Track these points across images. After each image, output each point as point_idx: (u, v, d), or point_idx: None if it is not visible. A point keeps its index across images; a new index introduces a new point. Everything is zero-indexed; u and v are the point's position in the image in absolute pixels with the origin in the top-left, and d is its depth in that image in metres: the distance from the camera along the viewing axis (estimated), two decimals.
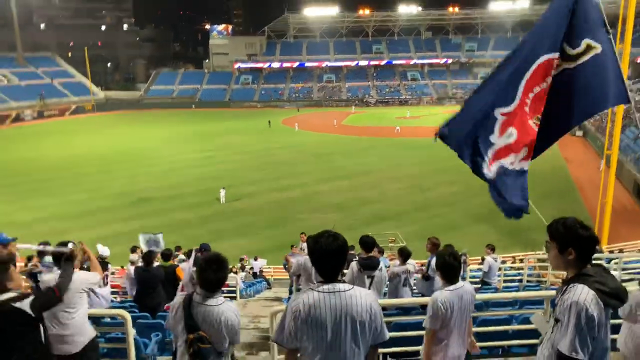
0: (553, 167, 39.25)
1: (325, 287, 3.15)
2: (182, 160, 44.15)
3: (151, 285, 9.42)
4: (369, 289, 7.43)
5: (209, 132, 61.09)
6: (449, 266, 4.40)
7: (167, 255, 10.63)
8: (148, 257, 9.75)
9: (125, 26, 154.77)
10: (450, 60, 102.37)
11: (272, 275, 21.10)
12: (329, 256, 3.17)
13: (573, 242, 3.04)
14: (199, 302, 3.76)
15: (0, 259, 4.16)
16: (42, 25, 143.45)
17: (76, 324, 4.92)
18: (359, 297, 3.15)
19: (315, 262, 3.24)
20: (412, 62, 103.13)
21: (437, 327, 4.31)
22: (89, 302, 8.63)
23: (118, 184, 36.29)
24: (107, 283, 9.95)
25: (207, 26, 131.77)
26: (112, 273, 14.61)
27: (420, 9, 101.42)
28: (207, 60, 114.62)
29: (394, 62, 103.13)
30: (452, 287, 4.38)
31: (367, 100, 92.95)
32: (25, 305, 3.93)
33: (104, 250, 10.80)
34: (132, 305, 9.67)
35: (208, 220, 28.39)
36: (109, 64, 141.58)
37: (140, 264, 10.63)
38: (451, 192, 33.16)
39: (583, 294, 2.92)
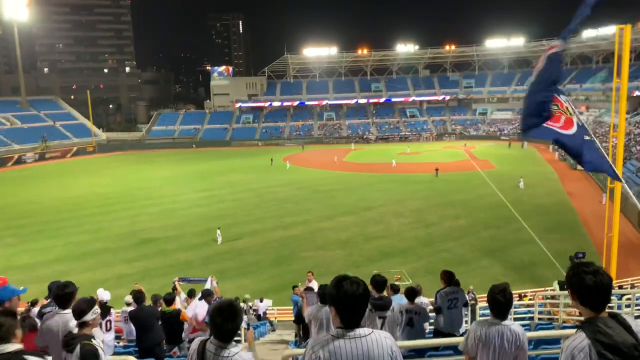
0: (556, 202, 39.26)
1: (346, 333, 3.07)
2: (184, 200, 44.09)
3: (147, 325, 9.26)
4: (381, 329, 7.25)
5: (210, 171, 61.28)
6: (496, 302, 4.55)
7: (169, 300, 10.47)
8: (137, 296, 9.64)
9: (127, 69, 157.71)
10: (448, 97, 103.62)
11: (275, 317, 20.70)
12: (353, 302, 3.08)
13: (574, 287, 2.98)
14: (213, 352, 3.63)
15: (11, 310, 4.13)
16: (46, 70, 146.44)
17: None
18: (380, 341, 3.07)
19: (339, 309, 3.12)
20: (410, 99, 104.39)
21: (470, 354, 4.52)
22: None
23: (120, 224, 36.13)
24: (110, 329, 9.77)
25: (208, 68, 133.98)
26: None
27: (417, 47, 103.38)
28: (208, 101, 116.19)
29: (393, 99, 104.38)
30: (496, 321, 4.50)
31: (367, 137, 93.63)
32: None
33: (104, 295, 10.61)
34: (136, 350, 9.46)
35: (211, 260, 28.11)
36: (110, 106, 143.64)
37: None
38: (456, 227, 33.03)
39: (576, 341, 2.85)
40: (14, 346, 3.81)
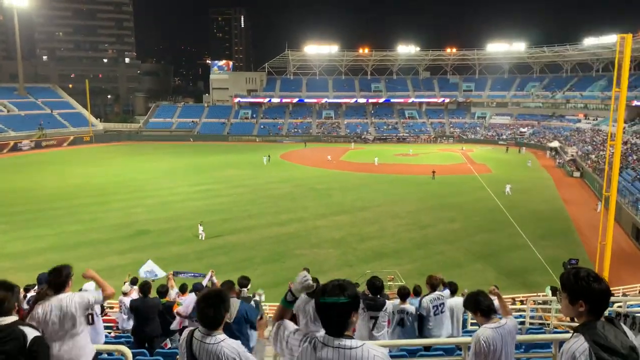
0: (552, 208, 39.35)
1: (332, 341, 2.95)
2: (179, 193, 44.00)
3: (148, 316, 9.22)
4: (372, 329, 7.25)
5: (207, 166, 61.16)
6: (481, 306, 4.64)
7: (162, 292, 10.43)
8: (144, 287, 9.59)
9: (126, 60, 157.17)
10: (447, 100, 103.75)
11: (267, 313, 20.67)
12: (333, 309, 2.92)
13: (584, 295, 2.93)
14: (199, 339, 3.74)
15: (11, 283, 4.17)
16: (45, 57, 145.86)
17: (79, 345, 4.97)
18: (368, 354, 2.88)
19: (320, 315, 2.98)
20: (410, 100, 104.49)
21: None
22: None
23: (114, 215, 36.02)
24: (91, 322, 9.62)
25: (208, 61, 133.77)
26: (105, 308, 14.29)
27: (418, 49, 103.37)
28: (207, 94, 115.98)
29: (392, 100, 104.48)
30: (494, 324, 4.50)
31: (365, 137, 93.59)
32: (30, 333, 3.87)
33: (88, 287, 10.46)
34: (127, 340, 9.43)
35: (204, 254, 28.03)
36: (109, 96, 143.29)
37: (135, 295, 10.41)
38: (451, 229, 33.05)
39: (576, 344, 2.86)
40: (10, 318, 3.89)
